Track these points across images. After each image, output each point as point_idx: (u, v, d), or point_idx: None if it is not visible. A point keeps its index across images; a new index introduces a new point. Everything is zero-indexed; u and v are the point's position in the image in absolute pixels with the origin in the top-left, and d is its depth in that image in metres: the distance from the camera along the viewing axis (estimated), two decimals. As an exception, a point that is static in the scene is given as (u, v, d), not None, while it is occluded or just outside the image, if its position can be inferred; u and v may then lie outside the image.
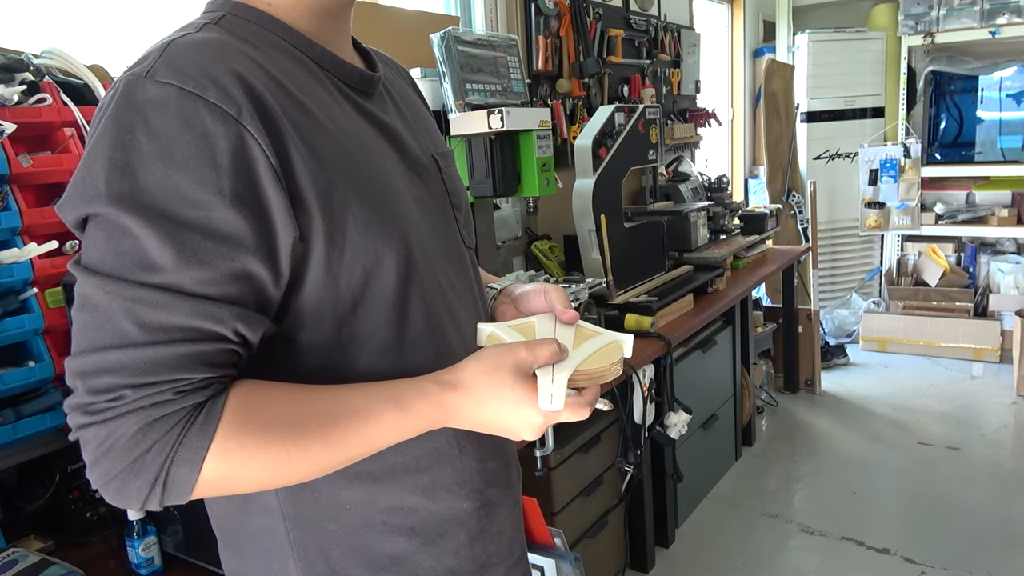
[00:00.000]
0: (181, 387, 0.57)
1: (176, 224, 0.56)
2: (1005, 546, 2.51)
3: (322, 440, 0.61)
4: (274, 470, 0.60)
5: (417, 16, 2.40)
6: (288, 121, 0.62)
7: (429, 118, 0.91)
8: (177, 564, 1.30)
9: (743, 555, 2.56)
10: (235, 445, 0.58)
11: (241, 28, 0.68)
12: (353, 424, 0.63)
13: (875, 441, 3.37)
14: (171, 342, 0.56)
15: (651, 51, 3.65)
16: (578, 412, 0.68)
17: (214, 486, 0.59)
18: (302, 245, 0.63)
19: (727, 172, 4.65)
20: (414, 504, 0.75)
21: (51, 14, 1.65)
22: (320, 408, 0.62)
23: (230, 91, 0.58)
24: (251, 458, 0.59)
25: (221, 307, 0.58)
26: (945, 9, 4.35)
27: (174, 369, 0.57)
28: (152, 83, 0.58)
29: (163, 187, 0.56)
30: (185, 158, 0.56)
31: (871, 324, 4.51)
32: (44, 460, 1.40)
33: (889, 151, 4.57)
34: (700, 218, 3.00)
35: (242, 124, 0.58)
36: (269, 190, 0.59)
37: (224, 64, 0.60)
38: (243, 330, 0.60)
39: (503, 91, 2.28)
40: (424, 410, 0.65)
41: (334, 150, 0.66)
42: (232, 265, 0.58)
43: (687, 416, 2.41)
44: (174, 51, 0.60)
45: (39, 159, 1.31)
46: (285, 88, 0.64)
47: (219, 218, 0.57)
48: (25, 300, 1.27)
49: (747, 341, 3.22)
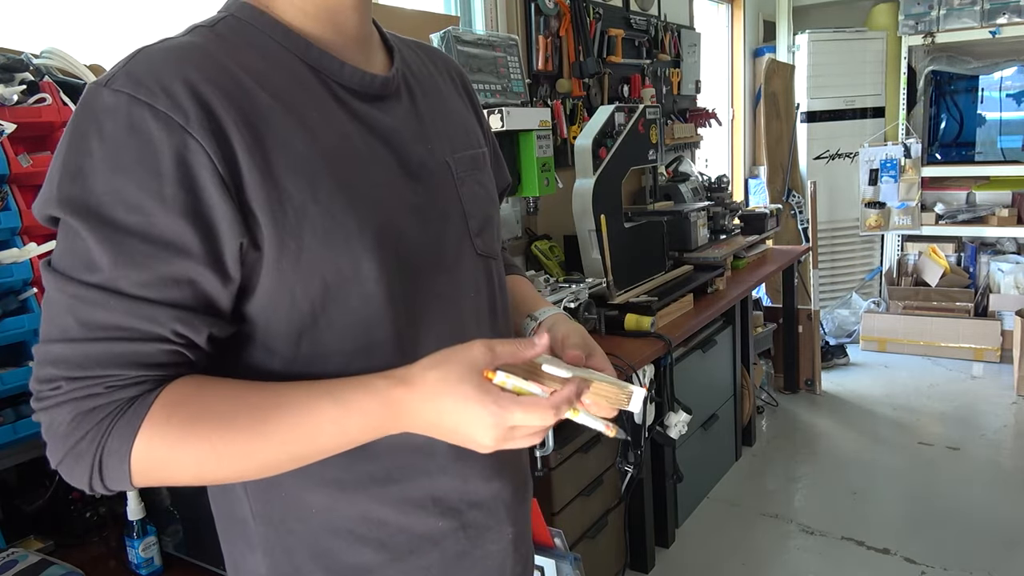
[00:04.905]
0: (112, 382, 0.60)
1: (117, 228, 0.58)
2: (1005, 546, 2.51)
3: (251, 433, 0.61)
4: (202, 462, 0.61)
5: (417, 16, 2.40)
6: (245, 129, 0.62)
7: (462, 116, 0.87)
8: (177, 564, 1.29)
9: (743, 555, 2.56)
10: (159, 438, 0.60)
11: (236, 31, 0.69)
12: (287, 418, 0.61)
13: (875, 441, 3.37)
14: (107, 339, 0.59)
15: (651, 51, 3.65)
16: (535, 411, 0.61)
17: (150, 475, 0.61)
18: (255, 252, 0.63)
19: (727, 172, 4.65)
20: (383, 516, 0.73)
21: (51, 14, 1.65)
22: (253, 402, 0.62)
23: (179, 100, 0.60)
24: (176, 450, 0.60)
25: (158, 308, 0.60)
26: (945, 9, 4.35)
27: (106, 365, 0.59)
28: (108, 91, 0.60)
29: (108, 192, 0.59)
30: (130, 164, 0.59)
31: (871, 324, 4.51)
32: (44, 460, 1.39)
33: (889, 151, 4.58)
34: (700, 218, 3.00)
35: (188, 132, 0.59)
36: (213, 197, 0.60)
37: (181, 73, 0.61)
38: (183, 331, 0.61)
39: (503, 91, 2.28)
40: (367, 405, 0.62)
41: (304, 156, 0.65)
42: (170, 269, 0.60)
43: (687, 416, 2.41)
44: (139, 59, 0.62)
45: (39, 159, 1.31)
46: (254, 95, 0.64)
47: (159, 223, 0.59)
48: (25, 300, 1.27)
49: (747, 341, 3.22)
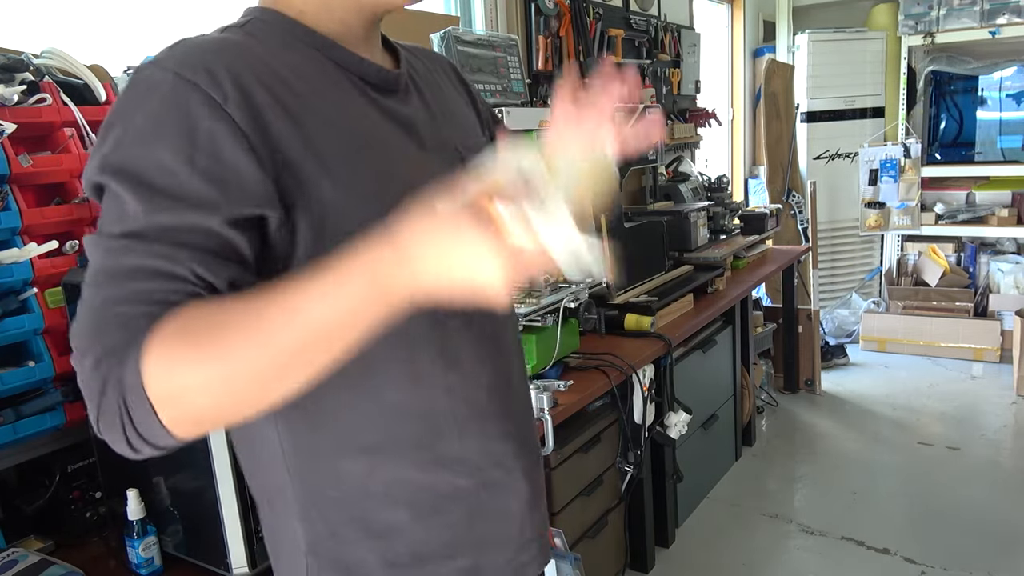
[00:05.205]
0: (129, 320, 0.60)
1: (150, 187, 0.63)
2: (1005, 546, 2.51)
3: (252, 329, 0.58)
4: (220, 376, 0.58)
5: (417, 16, 2.40)
6: (280, 111, 0.68)
7: (463, 111, 0.94)
8: (177, 564, 1.29)
9: (743, 555, 2.56)
10: (168, 351, 0.58)
11: (264, 31, 0.75)
12: (277, 299, 0.59)
13: (875, 441, 3.38)
14: (129, 280, 0.61)
15: (651, 51, 3.65)
16: None
17: (175, 407, 0.58)
18: (288, 227, 0.68)
19: (727, 172, 4.64)
20: (414, 478, 0.78)
21: (51, 14, 1.65)
22: (252, 302, 0.60)
23: (220, 80, 0.65)
24: (189, 365, 0.58)
25: (178, 249, 0.62)
26: (945, 9, 4.35)
27: (125, 303, 0.61)
28: (156, 69, 0.66)
29: (145, 156, 0.63)
30: (168, 134, 0.63)
31: (871, 324, 4.51)
32: (44, 460, 1.40)
33: (889, 151, 4.58)
34: (700, 218, 3.00)
35: (226, 110, 0.65)
36: (243, 166, 0.65)
37: (221, 59, 0.67)
38: (201, 272, 0.62)
39: (503, 91, 2.28)
40: (352, 267, 0.59)
41: (336, 141, 0.71)
42: (194, 218, 0.63)
43: (687, 416, 2.41)
44: (183, 46, 0.68)
45: (39, 159, 1.32)
46: (289, 83, 0.70)
47: (188, 184, 0.63)
48: (25, 300, 1.28)
49: (747, 341, 3.22)
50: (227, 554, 1.18)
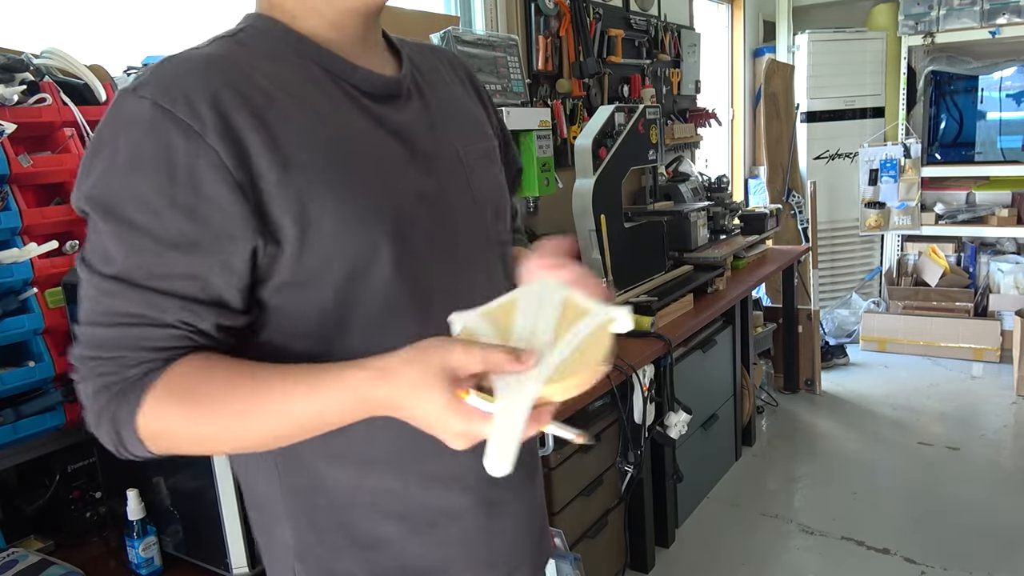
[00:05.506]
0: (124, 362, 0.67)
1: (130, 225, 0.64)
2: (1005, 546, 2.51)
3: (235, 415, 0.66)
4: (196, 436, 0.68)
5: (417, 16, 2.40)
6: (262, 131, 0.67)
7: (468, 113, 0.91)
8: (177, 564, 1.30)
9: (743, 555, 2.56)
10: (157, 412, 0.67)
11: (255, 39, 0.74)
12: (266, 404, 0.66)
13: (875, 441, 3.38)
14: (121, 324, 0.66)
15: (651, 51, 3.65)
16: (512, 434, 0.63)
17: (157, 443, 0.68)
18: (274, 248, 0.68)
19: (727, 172, 4.65)
20: (404, 491, 0.78)
21: (51, 14, 1.65)
22: (240, 385, 0.67)
23: (198, 108, 0.64)
24: (173, 422, 0.67)
25: (166, 299, 0.66)
26: (945, 9, 4.35)
27: (120, 347, 0.67)
28: (135, 97, 0.65)
29: (124, 190, 0.64)
30: (147, 166, 0.64)
31: (871, 324, 4.51)
32: (44, 460, 1.40)
33: (889, 151, 4.58)
34: (700, 218, 3.00)
35: (204, 139, 0.64)
36: (224, 200, 0.65)
37: (202, 83, 0.66)
38: (189, 320, 0.67)
39: (503, 91, 2.28)
40: (339, 393, 0.64)
41: (320, 148, 0.70)
42: (177, 265, 0.65)
43: (687, 416, 2.41)
44: (164, 68, 0.67)
45: (39, 159, 1.31)
46: (271, 94, 0.69)
47: (168, 223, 0.64)
48: (25, 300, 1.28)
49: (747, 341, 3.22)
50: (227, 554, 1.18)
